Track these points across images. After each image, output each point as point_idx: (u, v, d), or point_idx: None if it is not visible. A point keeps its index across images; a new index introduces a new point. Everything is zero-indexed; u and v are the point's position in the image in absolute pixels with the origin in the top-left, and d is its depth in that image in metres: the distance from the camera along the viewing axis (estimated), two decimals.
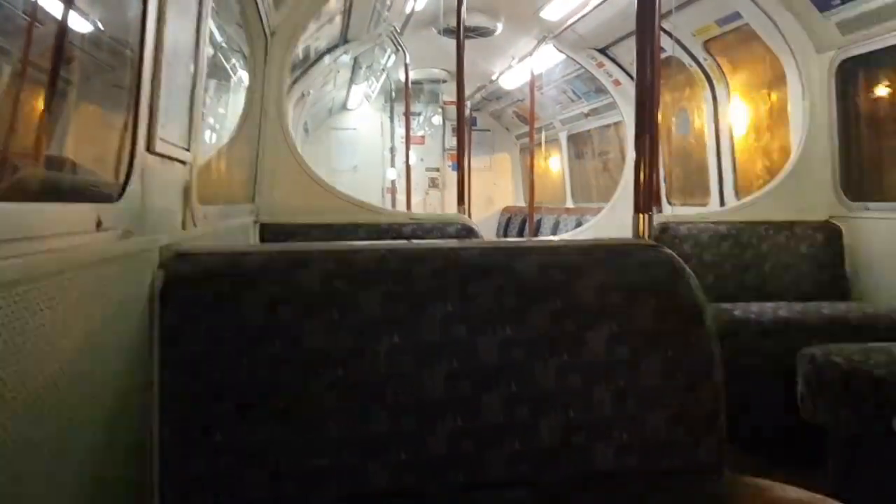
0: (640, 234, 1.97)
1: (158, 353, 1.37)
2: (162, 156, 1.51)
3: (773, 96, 4.67)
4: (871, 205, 3.67)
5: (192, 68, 1.75)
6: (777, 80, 4.26)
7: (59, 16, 1.23)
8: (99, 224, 1.17)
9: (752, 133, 5.09)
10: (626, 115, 6.61)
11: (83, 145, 1.33)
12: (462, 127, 4.69)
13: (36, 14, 1.17)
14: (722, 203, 5.31)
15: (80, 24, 1.32)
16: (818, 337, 2.64)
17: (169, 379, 1.36)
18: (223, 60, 3.54)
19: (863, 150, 3.86)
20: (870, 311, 3.17)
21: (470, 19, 5.32)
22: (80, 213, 1.13)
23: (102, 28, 1.41)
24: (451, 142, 11.70)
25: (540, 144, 7.94)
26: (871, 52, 3.58)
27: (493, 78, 8.77)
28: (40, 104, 1.17)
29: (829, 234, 3.77)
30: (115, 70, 1.41)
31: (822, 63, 3.86)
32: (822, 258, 3.72)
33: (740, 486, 1.47)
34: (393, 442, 1.42)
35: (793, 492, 1.40)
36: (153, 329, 1.39)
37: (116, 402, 1.24)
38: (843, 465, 2.42)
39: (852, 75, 3.81)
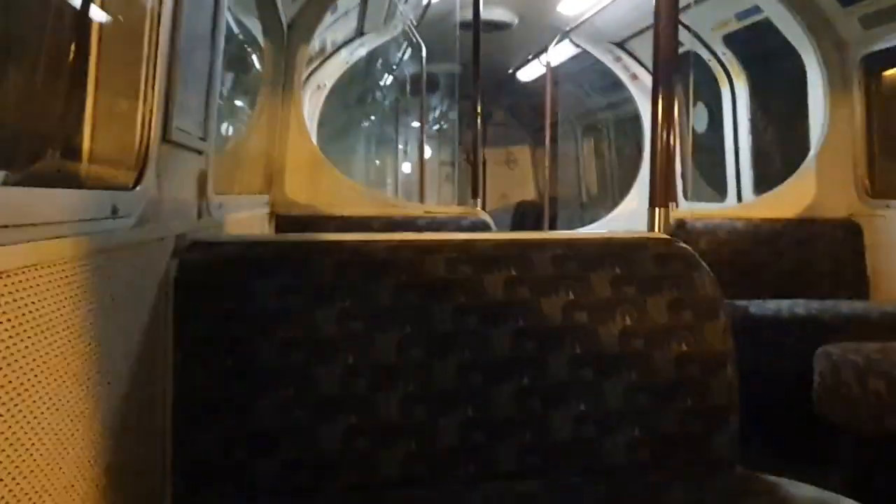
0: (656, 228, 1.95)
1: (172, 339, 1.39)
2: (178, 145, 1.52)
3: (793, 92, 4.60)
4: (892, 202, 3.61)
5: (208, 58, 1.75)
6: (797, 75, 4.19)
7: (77, 4, 1.24)
8: (115, 211, 1.18)
9: (770, 128, 5.03)
10: (643, 109, 6.55)
11: (100, 133, 1.34)
12: (477, 121, 4.67)
13: (54, 2, 1.18)
14: (739, 199, 5.25)
15: (97, 13, 1.33)
16: (836, 335, 2.61)
17: (182, 366, 1.38)
18: (240, 51, 3.55)
19: (884, 147, 3.80)
20: (890, 309, 3.12)
21: (487, 13, 5.29)
22: (95, 200, 1.14)
23: (120, 17, 1.42)
24: (466, 135, 11.65)
25: (556, 139, 7.90)
26: (894, 47, 3.52)
27: (510, 72, 8.72)
28: (58, 91, 1.17)
29: (850, 232, 3.72)
30: (132, 58, 1.42)
31: (843, 58, 3.80)
32: (843, 256, 3.67)
33: (752, 483, 1.46)
34: (404, 431, 1.43)
35: (805, 489, 1.39)
36: (167, 316, 1.40)
37: (130, 387, 1.25)
38: (857, 465, 2.40)
39: (874, 70, 3.75)
